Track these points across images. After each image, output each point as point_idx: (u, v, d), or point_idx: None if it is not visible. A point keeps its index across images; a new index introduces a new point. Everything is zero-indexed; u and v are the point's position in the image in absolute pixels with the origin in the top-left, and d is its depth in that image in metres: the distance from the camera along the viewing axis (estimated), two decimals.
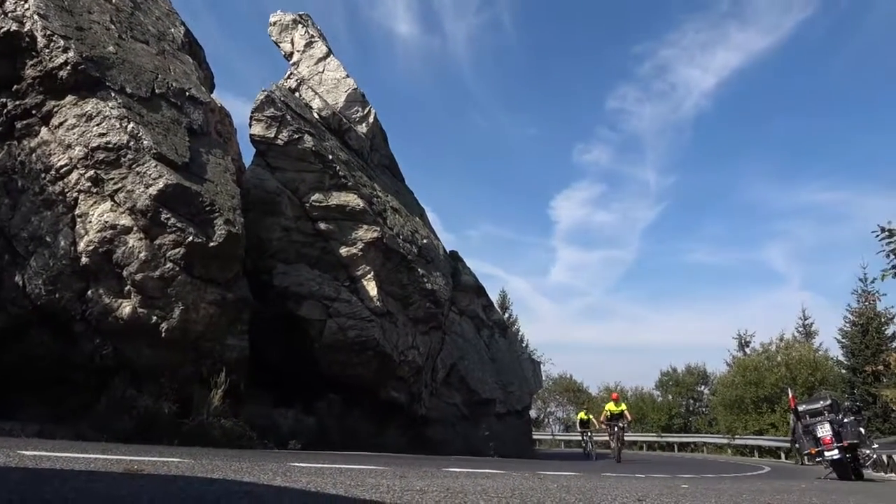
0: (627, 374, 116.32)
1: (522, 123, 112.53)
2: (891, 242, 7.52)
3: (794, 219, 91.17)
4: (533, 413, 32.10)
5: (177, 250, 9.19)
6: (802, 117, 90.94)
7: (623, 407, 17.71)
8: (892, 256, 7.48)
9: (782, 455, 24.91)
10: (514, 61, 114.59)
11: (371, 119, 16.19)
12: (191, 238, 9.25)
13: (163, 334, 9.20)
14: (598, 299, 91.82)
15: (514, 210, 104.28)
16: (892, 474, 15.94)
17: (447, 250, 17.91)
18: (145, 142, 9.29)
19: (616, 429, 17.11)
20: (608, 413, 17.74)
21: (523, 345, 33.50)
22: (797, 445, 16.17)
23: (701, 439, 32.49)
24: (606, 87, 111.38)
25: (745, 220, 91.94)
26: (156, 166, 9.21)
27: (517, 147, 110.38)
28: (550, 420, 44.21)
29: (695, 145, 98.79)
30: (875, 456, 16.53)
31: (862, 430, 10.63)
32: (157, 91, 10.37)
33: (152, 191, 9.05)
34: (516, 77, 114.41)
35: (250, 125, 12.74)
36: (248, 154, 14.12)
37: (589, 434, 21.23)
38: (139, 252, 9.02)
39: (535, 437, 30.21)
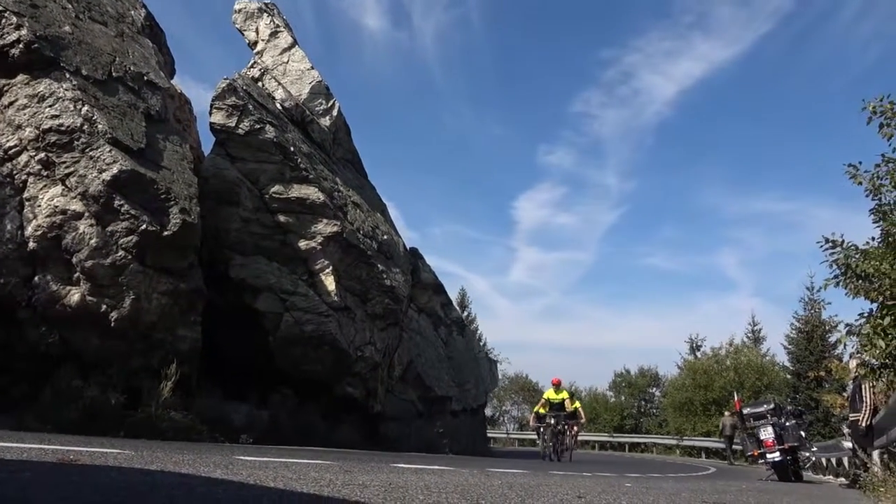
0: (583, 374, 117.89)
1: (488, 122, 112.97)
2: (834, 253, 7.79)
3: (748, 227, 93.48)
4: (488, 411, 32.33)
5: (129, 238, 8.99)
6: (759, 129, 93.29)
7: (564, 395, 15.42)
8: (834, 267, 7.76)
9: (730, 458, 25.52)
10: (482, 60, 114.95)
11: (335, 112, 16.06)
12: (144, 226, 9.06)
13: (112, 324, 8.99)
14: (556, 300, 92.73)
15: (476, 209, 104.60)
16: (830, 477, 16.51)
17: (407, 247, 17.90)
18: (100, 126, 9.06)
19: (557, 425, 14.96)
20: (547, 402, 15.61)
21: (481, 343, 33.68)
22: (739, 446, 17.47)
23: (651, 440, 33.18)
24: (572, 91, 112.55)
25: (701, 227, 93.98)
26: (110, 151, 8.99)
27: (482, 146, 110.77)
28: (505, 419, 44.56)
29: (655, 152, 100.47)
30: (814, 459, 17.10)
31: (802, 433, 11.02)
32: (114, 74, 10.11)
33: (106, 176, 8.83)
34: (483, 76, 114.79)
35: (211, 113, 12.50)
36: (207, 143, 13.86)
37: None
38: (90, 239, 8.79)
39: (489, 435, 30.42)
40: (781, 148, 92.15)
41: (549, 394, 15.77)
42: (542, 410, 17.15)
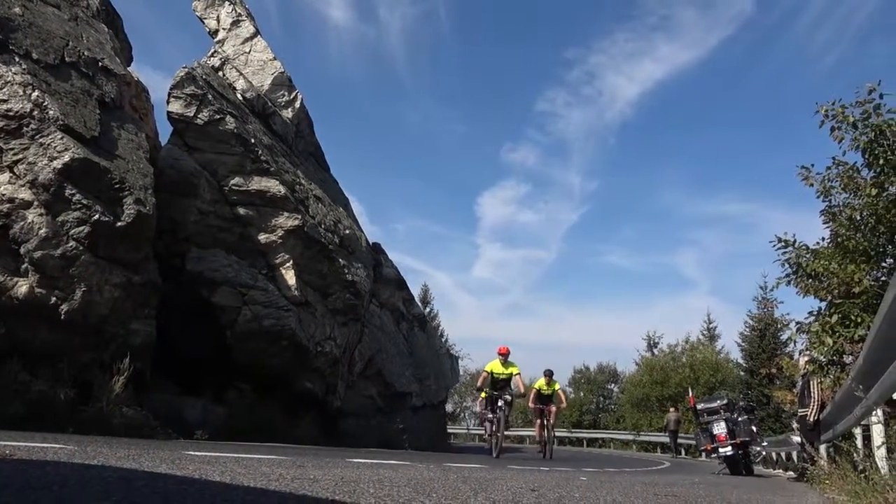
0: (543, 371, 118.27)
1: (453, 119, 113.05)
2: (786, 252, 8.01)
3: (705, 228, 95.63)
4: (449, 407, 32.40)
5: (81, 228, 8.72)
6: (718, 131, 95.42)
7: (514, 370, 12.45)
8: (786, 265, 7.99)
9: (682, 451, 26.08)
10: (448, 56, 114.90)
11: (297, 104, 15.86)
12: (97, 216, 8.80)
13: (62, 316, 8.71)
14: (518, 297, 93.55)
15: (440, 205, 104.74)
16: (779, 470, 16.98)
17: (370, 242, 17.79)
18: (51, 112, 8.76)
19: (546, 416, 14.02)
20: (540, 389, 14.30)
21: (443, 339, 33.73)
22: (692, 441, 18.21)
23: (609, 435, 33.67)
24: (537, 89, 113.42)
25: (660, 227, 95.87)
26: (62, 138, 8.70)
27: (447, 142, 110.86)
28: (466, 414, 44.76)
29: (618, 152, 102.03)
30: (765, 453, 17.57)
31: (754, 428, 11.31)
32: (66, 59, 9.80)
33: (57, 164, 8.54)
34: (449, 72, 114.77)
35: (168, 102, 12.20)
36: (165, 133, 13.55)
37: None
38: (39, 228, 8.50)
39: (450, 430, 30.48)
40: (739, 151, 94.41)
41: (494, 366, 12.40)
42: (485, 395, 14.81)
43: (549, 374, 14.53)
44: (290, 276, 12.91)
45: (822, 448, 9.29)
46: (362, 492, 1.74)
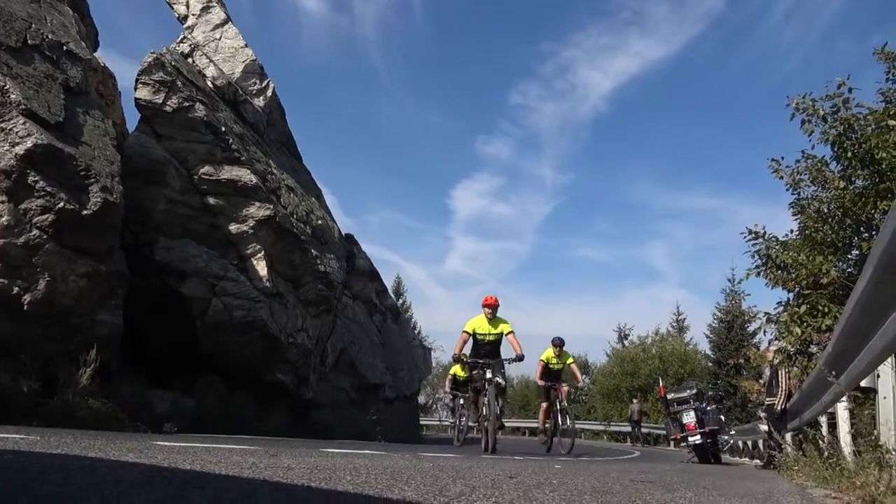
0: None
1: (427, 111, 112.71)
2: (756, 243, 8.15)
3: (676, 221, 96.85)
4: (421, 399, 32.41)
5: (45, 217, 8.49)
6: (688, 126, 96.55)
7: (505, 328, 9.34)
8: (756, 257, 8.13)
9: (653, 441, 26.48)
10: (423, 48, 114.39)
11: (269, 93, 15.63)
12: (62, 204, 8.57)
13: (25, 307, 8.47)
14: (492, 289, 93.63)
15: (414, 197, 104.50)
16: (746, 459, 17.32)
17: (343, 233, 17.66)
18: (13, 96, 8.49)
19: (554, 396, 11.44)
20: (549, 362, 11.86)
21: (415, 331, 33.70)
22: (654, 430, 18.26)
23: (580, 426, 34.01)
24: (511, 82, 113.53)
25: (632, 221, 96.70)
26: (24, 123, 8.44)
27: (421, 134, 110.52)
28: (438, 406, 44.82)
29: (591, 146, 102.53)
30: (732, 442, 17.90)
31: (722, 417, 11.54)
32: (29, 42, 9.50)
33: (19, 150, 8.29)
34: (424, 64, 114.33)
35: (136, 88, 11.92)
36: (132, 120, 13.25)
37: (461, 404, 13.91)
38: (1, 216, 8.25)
39: (422, 422, 30.50)
40: (709, 146, 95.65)
41: (477, 323, 9.27)
42: (457, 373, 13.10)
43: (559, 344, 11.84)
44: (261, 267, 12.74)
45: (788, 436, 9.48)
46: (338, 479, 1.70)
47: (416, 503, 1.32)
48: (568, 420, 11.66)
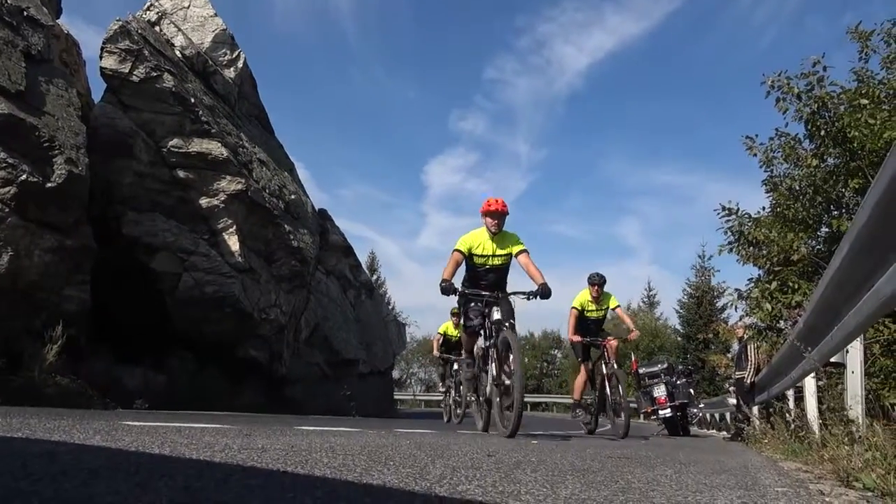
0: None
1: (401, 84, 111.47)
2: (729, 220, 8.24)
3: (648, 198, 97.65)
4: (396, 374, 32.52)
5: (7, 189, 8.22)
6: (662, 103, 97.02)
7: (516, 247, 6.50)
8: (729, 233, 8.23)
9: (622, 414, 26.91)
10: (397, 19, 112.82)
11: (240, 64, 15.26)
12: (24, 176, 8.31)
13: None
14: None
15: (388, 172, 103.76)
16: (714, 431, 17.73)
17: (316, 208, 17.46)
18: None
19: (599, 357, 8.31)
20: (585, 308, 8.51)
21: (389, 307, 33.69)
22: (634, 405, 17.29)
23: (552, 399, 34.49)
24: (486, 56, 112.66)
25: (605, 197, 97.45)
26: None
27: (395, 108, 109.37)
28: (413, 381, 45.09)
29: (566, 122, 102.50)
30: (700, 415, 18.30)
31: (692, 391, 11.77)
32: None
33: None
34: (398, 36, 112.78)
35: (101, 57, 11.55)
36: (97, 90, 12.85)
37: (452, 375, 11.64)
38: None
39: (396, 397, 30.64)
40: (682, 123, 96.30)
41: (475, 240, 6.41)
42: (448, 331, 10.41)
43: (598, 282, 8.31)
44: (233, 242, 12.56)
45: (755, 409, 9.70)
46: (315, 461, 1.66)
47: (397, 489, 1.28)
48: (620, 389, 7.92)
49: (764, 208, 8.63)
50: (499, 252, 6.36)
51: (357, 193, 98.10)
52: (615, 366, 8.20)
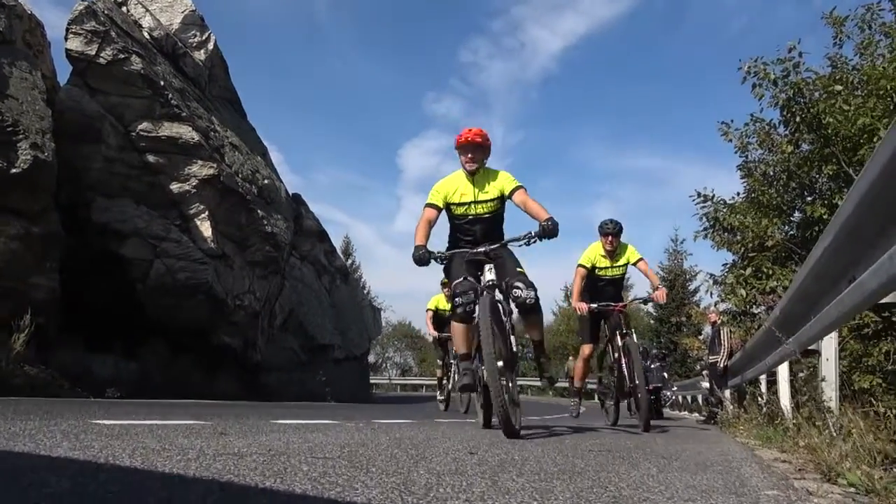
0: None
1: (376, 67, 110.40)
2: (704, 207, 8.29)
3: (621, 181, 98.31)
4: (371, 358, 32.51)
5: None
6: (635, 87, 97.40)
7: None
8: (704, 219, 8.28)
9: (595, 397, 27.28)
10: (372, 1, 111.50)
11: (211, 46, 14.93)
12: None
13: None
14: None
15: (362, 155, 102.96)
16: (686, 412, 18.04)
17: (290, 193, 17.25)
18: None
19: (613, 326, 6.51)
20: (596, 266, 6.66)
21: (364, 291, 33.58)
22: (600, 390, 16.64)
23: (527, 382, 34.76)
24: (461, 39, 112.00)
25: (578, 180, 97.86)
26: None
27: (369, 91, 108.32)
28: (388, 365, 45.14)
29: (540, 105, 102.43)
30: (674, 398, 18.59)
31: (665, 374, 11.92)
32: None
33: None
34: (373, 18, 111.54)
35: (66, 39, 11.19)
36: (63, 73, 12.45)
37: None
38: None
39: (372, 381, 30.66)
40: (655, 107, 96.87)
41: (450, 185, 4.94)
42: (440, 305, 9.03)
43: (612, 231, 6.47)
44: (205, 228, 12.36)
45: (727, 392, 9.85)
46: (295, 471, 1.61)
47: None
48: (635, 368, 6.04)
49: (739, 193, 8.75)
50: (482, 196, 4.79)
51: (331, 177, 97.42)
52: (634, 338, 6.26)
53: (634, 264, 6.62)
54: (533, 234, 4.48)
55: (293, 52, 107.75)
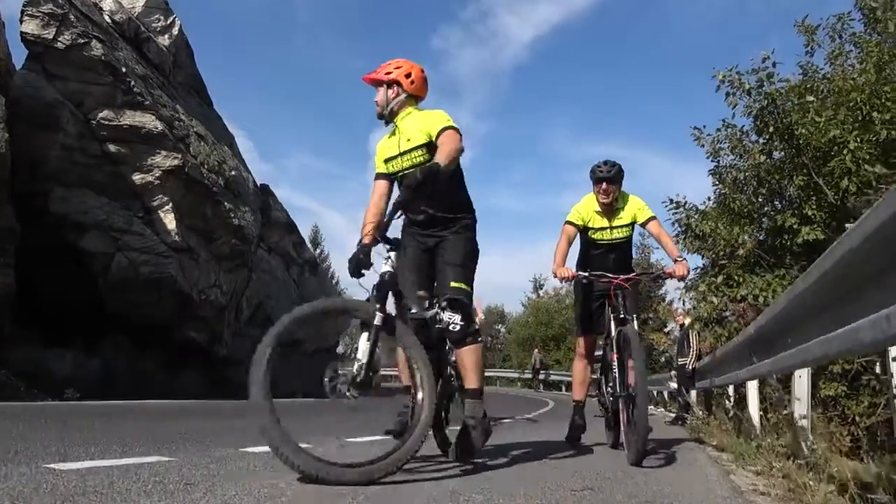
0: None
1: (346, 53, 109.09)
2: (677, 213, 8.32)
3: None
4: (340, 349, 32.27)
5: None
6: (605, 78, 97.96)
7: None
8: (676, 225, 8.32)
9: (563, 388, 27.53)
10: None
11: (175, 31, 14.49)
12: None
13: None
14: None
15: (333, 142, 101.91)
16: (651, 406, 18.25)
17: (258, 183, 16.91)
18: None
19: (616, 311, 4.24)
20: (588, 225, 4.89)
21: (334, 282, 33.29)
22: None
23: (495, 374, 34.91)
24: (431, 26, 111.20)
25: (547, 170, 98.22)
26: None
27: (341, 77, 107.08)
28: (355, 356, 44.87)
29: (510, 95, 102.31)
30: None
31: None
32: None
33: None
34: (344, 4, 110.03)
35: (22, 21, 10.70)
36: (18, 57, 11.91)
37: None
38: None
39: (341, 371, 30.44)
40: (624, 98, 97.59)
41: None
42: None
43: (608, 176, 4.79)
44: (169, 221, 12.04)
45: (693, 393, 9.96)
46: None
47: None
48: (632, 368, 3.92)
49: (710, 198, 8.81)
50: (412, 152, 3.47)
51: (301, 164, 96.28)
52: (634, 325, 4.23)
53: (644, 225, 4.80)
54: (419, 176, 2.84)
55: (263, 37, 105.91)
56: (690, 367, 9.06)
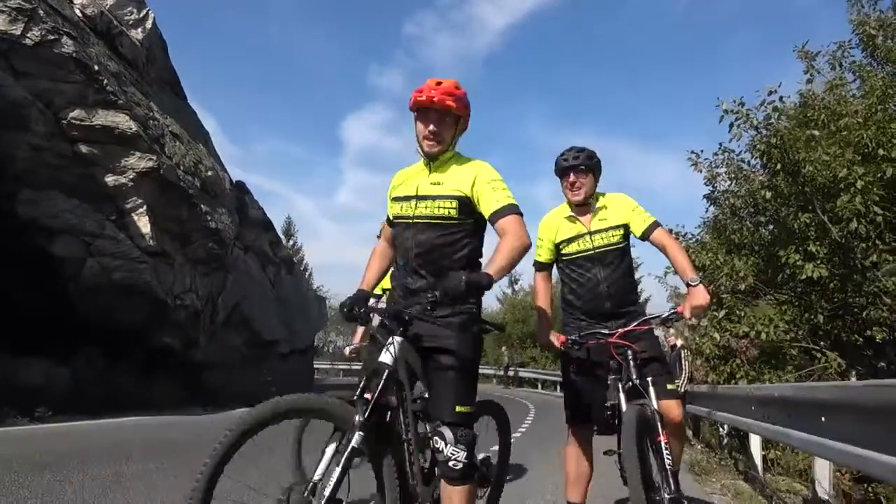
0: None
1: (318, 36, 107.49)
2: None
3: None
4: (316, 341, 31.94)
5: None
6: (578, 68, 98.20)
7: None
8: None
9: (539, 385, 27.58)
10: None
11: (149, 24, 13.94)
12: None
13: None
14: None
15: (303, 127, 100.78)
16: None
17: (234, 181, 16.46)
18: None
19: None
20: (560, 238, 3.60)
21: (309, 277, 32.86)
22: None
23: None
24: (405, 10, 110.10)
25: (522, 158, 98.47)
26: None
27: (312, 61, 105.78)
28: (331, 349, 44.47)
29: (485, 82, 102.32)
30: None
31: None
32: None
33: None
34: None
35: None
36: None
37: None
38: None
39: (316, 366, 30.12)
40: (596, 88, 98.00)
41: (399, 178, 2.93)
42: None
43: (576, 165, 3.58)
44: (143, 224, 11.61)
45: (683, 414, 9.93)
46: None
47: None
48: (669, 471, 2.88)
49: (704, 221, 8.74)
50: (440, 192, 2.76)
51: (271, 149, 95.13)
52: (653, 400, 3.14)
53: (645, 236, 3.44)
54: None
55: (234, 20, 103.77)
56: (682, 390, 9.01)
